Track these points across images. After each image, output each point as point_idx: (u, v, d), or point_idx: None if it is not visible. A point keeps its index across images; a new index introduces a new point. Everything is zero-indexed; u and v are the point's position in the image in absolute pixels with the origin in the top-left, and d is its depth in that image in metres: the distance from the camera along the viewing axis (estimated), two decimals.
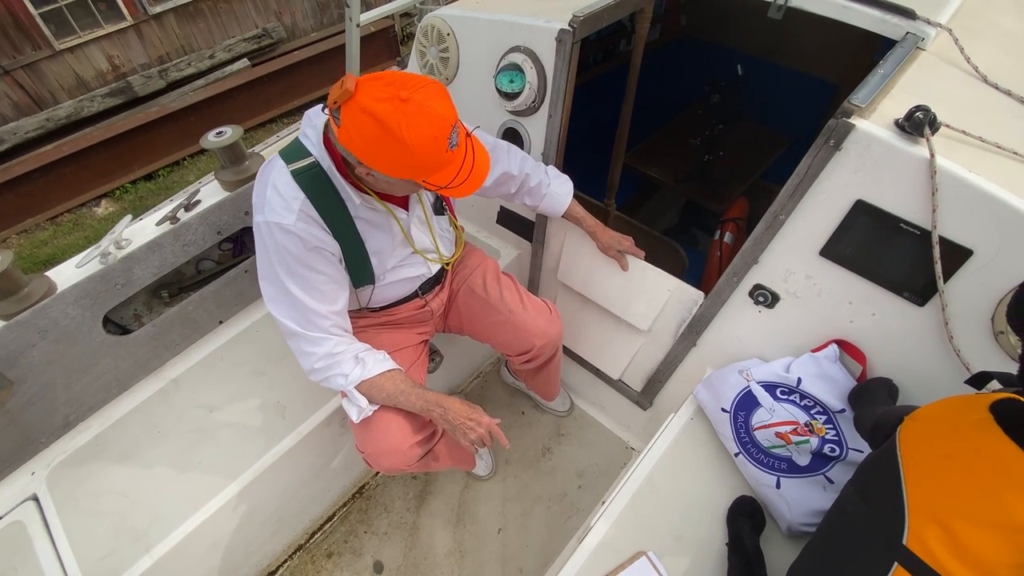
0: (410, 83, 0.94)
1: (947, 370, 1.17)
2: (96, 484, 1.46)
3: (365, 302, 1.39)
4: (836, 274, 1.24)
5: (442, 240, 1.41)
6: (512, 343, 1.55)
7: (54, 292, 1.39)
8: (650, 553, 1.26)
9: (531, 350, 1.55)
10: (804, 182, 1.17)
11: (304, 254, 1.12)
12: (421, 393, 1.29)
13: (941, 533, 0.76)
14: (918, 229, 1.09)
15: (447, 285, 1.54)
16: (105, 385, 1.55)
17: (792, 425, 1.27)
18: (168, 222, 1.55)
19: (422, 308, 1.49)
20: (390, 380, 1.28)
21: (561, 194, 1.58)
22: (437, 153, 0.96)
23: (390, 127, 0.91)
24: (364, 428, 1.32)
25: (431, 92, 0.94)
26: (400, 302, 1.44)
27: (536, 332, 1.53)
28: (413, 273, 1.38)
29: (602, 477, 1.99)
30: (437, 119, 0.93)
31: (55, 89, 5.37)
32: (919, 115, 1.06)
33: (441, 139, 0.95)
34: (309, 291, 1.16)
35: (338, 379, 1.24)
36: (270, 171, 1.12)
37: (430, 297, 1.49)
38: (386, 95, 0.92)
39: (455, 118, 0.98)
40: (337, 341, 1.23)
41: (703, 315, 1.52)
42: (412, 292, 1.44)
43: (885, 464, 0.88)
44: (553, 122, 1.58)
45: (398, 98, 0.91)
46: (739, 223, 2.44)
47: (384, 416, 1.33)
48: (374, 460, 1.34)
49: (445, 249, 1.44)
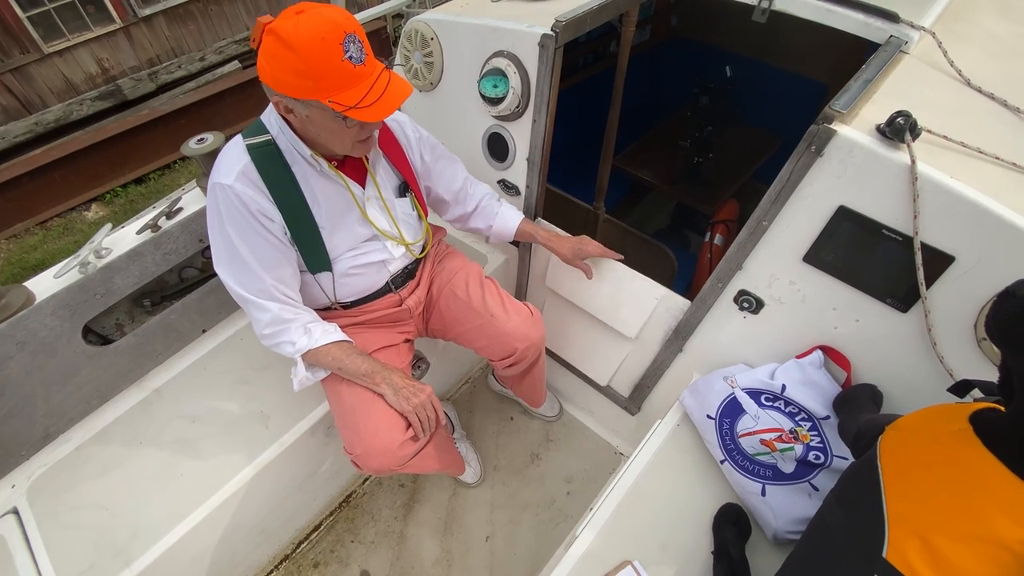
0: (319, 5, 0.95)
1: (931, 376, 1.17)
2: (77, 497, 1.44)
3: (332, 294, 1.37)
4: (820, 280, 1.23)
5: (405, 224, 1.39)
6: (494, 347, 1.53)
7: (32, 303, 1.37)
8: (635, 562, 1.25)
9: (513, 354, 1.54)
10: (786, 188, 1.17)
11: (244, 215, 1.14)
12: (365, 359, 1.31)
13: (921, 546, 0.75)
14: (900, 235, 1.08)
15: (422, 282, 1.52)
16: (86, 396, 1.53)
17: (777, 432, 1.26)
18: (149, 230, 1.53)
19: (398, 306, 1.47)
20: (337, 347, 1.29)
21: (510, 216, 1.59)
22: (328, 59, 0.94)
23: (279, 33, 0.92)
24: (352, 429, 1.31)
25: (332, 7, 0.95)
26: (372, 297, 1.42)
27: (518, 336, 1.52)
28: (375, 258, 1.36)
29: (591, 483, 1.98)
30: (325, 21, 0.93)
31: (44, 93, 5.33)
32: (900, 121, 1.05)
33: (331, 41, 0.93)
34: (251, 254, 1.17)
35: (286, 346, 1.26)
36: (229, 144, 1.18)
37: (405, 293, 1.47)
38: (288, 13, 0.94)
39: (352, 27, 0.95)
40: (282, 307, 1.24)
41: (689, 320, 1.51)
42: (383, 286, 1.42)
43: (866, 475, 0.87)
44: (538, 127, 1.57)
45: (295, 10, 0.93)
46: (729, 225, 2.43)
47: (372, 416, 1.31)
48: (363, 461, 1.32)
49: (409, 234, 1.41)
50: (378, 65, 1.02)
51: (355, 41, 0.95)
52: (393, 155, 1.35)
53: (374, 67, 1.01)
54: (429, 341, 1.70)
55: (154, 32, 5.61)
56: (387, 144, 1.33)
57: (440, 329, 1.61)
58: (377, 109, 1.00)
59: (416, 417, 1.29)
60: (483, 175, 1.80)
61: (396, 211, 1.36)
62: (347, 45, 0.94)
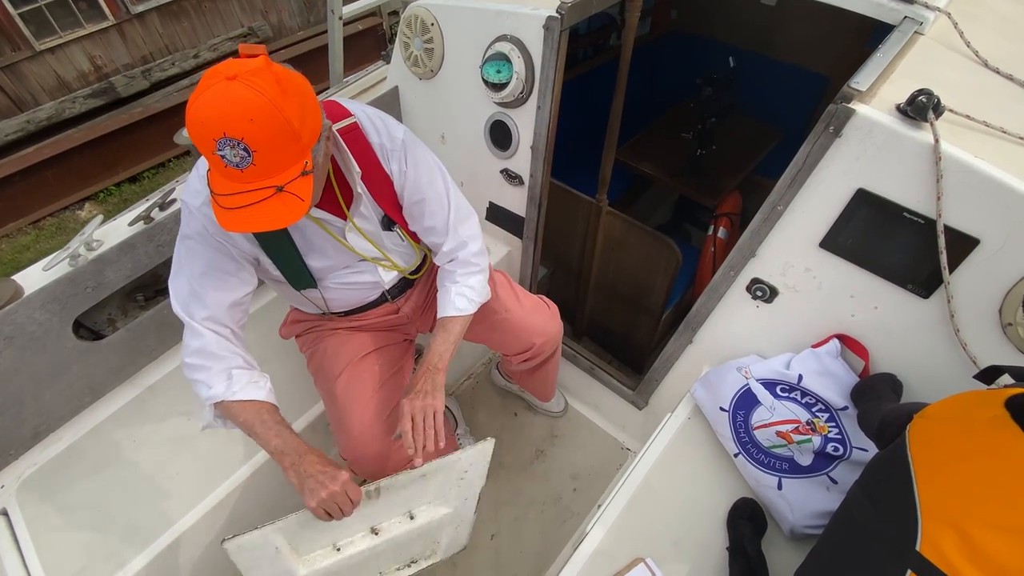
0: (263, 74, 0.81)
1: (953, 364, 1.13)
2: (68, 498, 1.39)
3: (322, 306, 1.32)
4: (837, 266, 1.20)
5: (395, 253, 1.29)
6: (510, 343, 1.48)
7: (21, 296, 1.32)
8: (648, 559, 1.21)
9: (530, 348, 1.49)
10: (803, 171, 1.13)
11: (205, 237, 1.06)
12: (281, 431, 1.09)
13: (957, 538, 0.71)
14: (922, 218, 1.05)
15: (420, 286, 1.46)
16: (77, 393, 1.48)
17: (793, 424, 1.22)
18: (142, 222, 1.48)
19: (395, 313, 1.41)
20: (254, 410, 1.09)
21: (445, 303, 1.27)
22: (203, 145, 0.83)
23: (193, 95, 0.82)
24: (345, 432, 1.27)
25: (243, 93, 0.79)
26: (366, 307, 1.37)
27: (535, 330, 1.47)
28: (365, 279, 1.28)
29: (597, 479, 1.94)
30: (213, 111, 0.80)
31: (36, 91, 5.26)
32: (922, 99, 1.02)
33: (207, 133, 0.81)
34: (201, 276, 1.07)
35: (201, 387, 1.08)
36: (202, 159, 1.06)
37: (401, 302, 1.41)
38: (207, 76, 0.82)
39: (239, 131, 0.80)
40: (218, 340, 1.09)
41: (700, 311, 1.47)
42: (377, 297, 1.35)
43: (894, 465, 0.83)
44: (542, 113, 1.52)
45: (225, 75, 0.80)
46: (732, 218, 2.40)
47: (367, 419, 1.27)
48: (358, 466, 1.28)
49: (401, 260, 1.31)
50: (263, 181, 0.85)
51: (235, 146, 0.80)
52: (375, 185, 1.16)
53: (253, 181, 0.85)
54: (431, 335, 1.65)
55: (147, 29, 5.54)
56: (371, 174, 1.15)
57: None
58: (228, 217, 0.86)
59: (323, 511, 1.04)
60: (486, 164, 1.76)
61: (384, 242, 1.25)
62: (221, 146, 0.81)
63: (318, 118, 0.90)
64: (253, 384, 1.10)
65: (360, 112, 1.14)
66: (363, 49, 5.82)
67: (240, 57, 0.84)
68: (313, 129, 0.88)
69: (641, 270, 2.02)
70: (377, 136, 1.13)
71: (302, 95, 0.86)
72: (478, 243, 1.30)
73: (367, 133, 1.13)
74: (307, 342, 1.47)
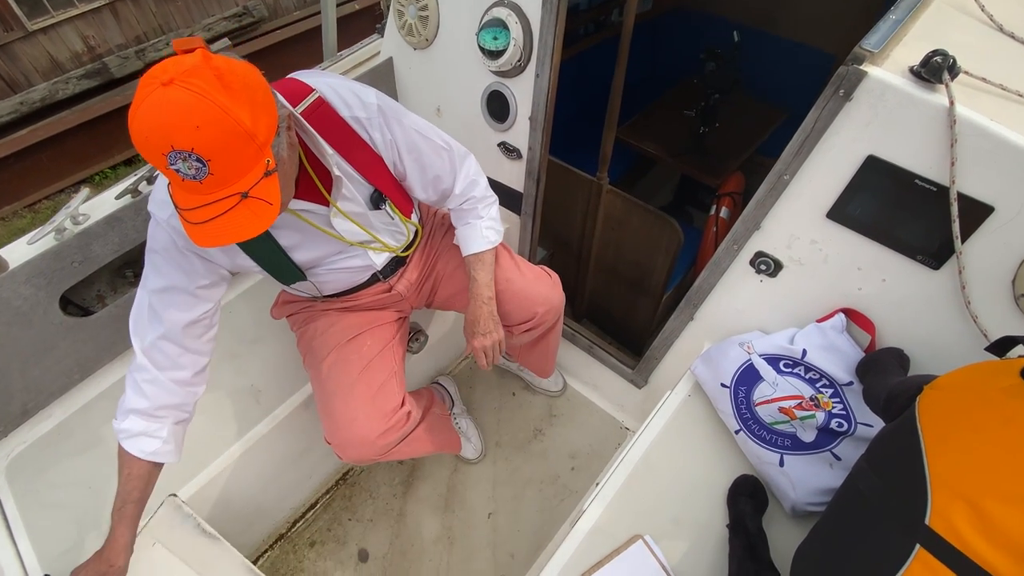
0: (201, 72, 0.73)
1: (962, 338, 1.10)
2: (58, 475, 1.37)
3: (313, 292, 1.28)
4: (844, 238, 1.16)
5: (385, 232, 1.24)
6: (511, 313, 1.43)
7: (5, 270, 1.29)
8: (647, 537, 1.19)
9: (532, 318, 1.45)
10: (811, 137, 1.08)
11: (169, 251, 1.02)
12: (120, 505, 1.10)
13: (969, 511, 0.69)
14: (934, 185, 1.01)
15: (416, 265, 1.43)
16: (66, 370, 1.45)
17: (796, 399, 1.19)
18: (129, 195, 1.44)
19: (387, 292, 1.38)
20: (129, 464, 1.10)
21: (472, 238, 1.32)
22: (153, 159, 0.76)
23: (132, 107, 0.75)
24: (329, 417, 1.24)
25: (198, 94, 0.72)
26: (358, 288, 1.33)
27: (538, 299, 1.43)
28: (355, 263, 1.24)
29: (596, 458, 1.92)
30: (155, 124, 0.72)
31: (29, 71, 5.18)
32: (937, 60, 0.97)
33: (153, 148, 0.74)
34: (160, 291, 1.04)
35: (118, 411, 1.11)
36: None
37: (394, 280, 1.38)
38: (142, 84, 0.74)
39: (187, 142, 0.73)
40: (147, 377, 1.07)
41: (701, 287, 1.44)
42: (369, 278, 1.31)
43: (903, 438, 0.80)
44: (540, 82, 1.47)
45: (160, 80, 0.72)
46: (735, 197, 2.36)
47: (350, 403, 1.24)
48: (342, 451, 1.26)
49: (391, 239, 1.27)
50: (224, 190, 0.79)
51: (187, 158, 0.74)
52: (358, 160, 1.10)
53: (214, 192, 0.78)
54: (428, 311, 1.62)
55: (140, 8, 5.44)
56: (350, 148, 1.08)
57: (447, 301, 1.52)
58: (197, 233, 0.81)
59: None
60: (483, 137, 1.71)
61: (372, 223, 1.20)
62: (172, 159, 0.74)
63: (272, 111, 0.82)
64: (144, 437, 1.10)
65: (323, 85, 1.04)
66: (360, 29, 5.70)
67: (176, 55, 0.77)
68: (268, 125, 0.80)
69: (642, 250, 1.98)
70: (348, 109, 1.04)
71: (250, 89, 0.78)
72: (483, 176, 1.33)
73: (336, 108, 1.04)
74: (298, 321, 1.44)
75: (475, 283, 1.33)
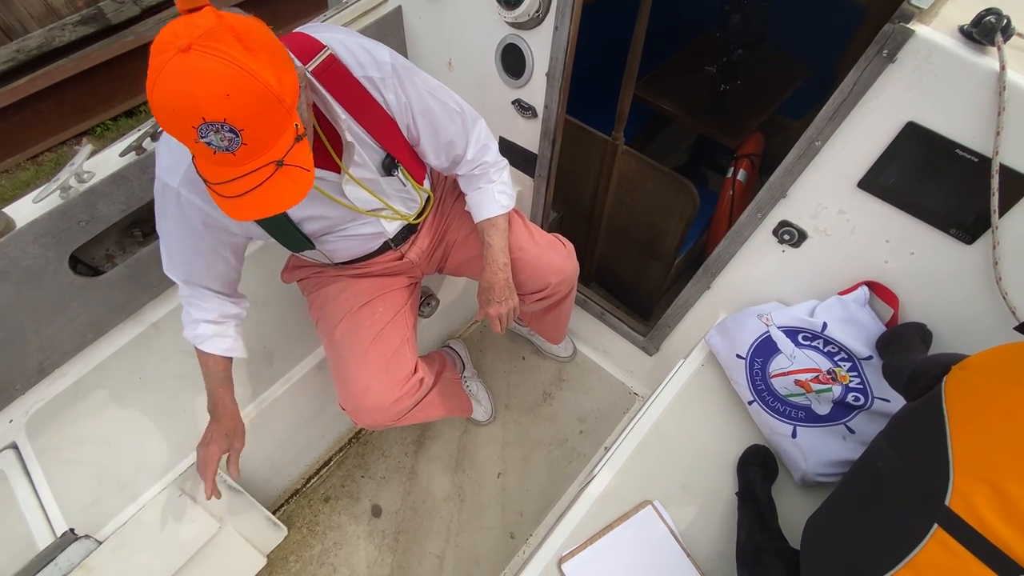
0: (220, 35, 0.68)
1: (988, 314, 1.07)
2: (78, 432, 1.39)
3: (323, 259, 1.27)
4: (874, 209, 1.11)
5: (396, 199, 1.21)
6: (525, 282, 1.41)
7: (13, 229, 1.27)
8: (656, 502, 1.21)
9: (546, 288, 1.43)
10: (848, 101, 1.02)
11: (179, 219, 1.04)
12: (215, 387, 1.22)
13: (991, 494, 0.68)
14: (976, 155, 0.96)
15: (426, 230, 1.39)
16: (79, 329, 1.45)
17: (814, 373, 1.18)
18: (133, 152, 1.40)
19: (399, 260, 1.36)
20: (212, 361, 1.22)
21: (484, 203, 1.29)
22: (183, 135, 0.72)
23: (149, 78, 0.70)
24: (343, 383, 1.25)
25: (222, 59, 0.67)
26: (369, 256, 1.31)
27: (551, 269, 1.41)
28: (366, 231, 1.21)
29: (604, 423, 1.94)
30: (180, 94, 0.67)
31: (24, 18, 4.99)
32: (990, 19, 0.90)
33: (182, 121, 0.69)
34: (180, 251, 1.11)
35: (183, 319, 1.22)
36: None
37: (405, 248, 1.35)
38: (156, 51, 0.69)
39: (217, 113, 0.68)
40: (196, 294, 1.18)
41: (720, 255, 1.41)
42: (380, 246, 1.29)
43: (926, 417, 0.79)
44: (560, 35, 1.39)
45: (177, 46, 0.66)
46: (754, 159, 2.27)
47: (363, 371, 1.24)
48: (356, 417, 1.27)
49: (403, 206, 1.24)
50: (259, 159, 0.75)
51: (219, 130, 0.69)
52: (372, 124, 1.05)
53: (248, 162, 0.75)
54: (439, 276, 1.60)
55: None
56: (363, 111, 1.03)
57: (459, 266, 1.50)
58: (235, 206, 0.79)
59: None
60: (497, 94, 1.64)
61: (384, 189, 1.16)
62: (204, 132, 0.70)
63: (292, 70, 0.77)
64: (217, 338, 1.19)
65: (334, 42, 0.98)
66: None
67: (181, 15, 0.70)
68: (292, 85, 0.76)
69: (656, 213, 1.93)
70: (361, 69, 0.99)
71: (269, 48, 0.73)
72: (494, 140, 1.31)
73: (349, 67, 0.98)
74: (308, 286, 1.42)
75: (489, 249, 1.30)
